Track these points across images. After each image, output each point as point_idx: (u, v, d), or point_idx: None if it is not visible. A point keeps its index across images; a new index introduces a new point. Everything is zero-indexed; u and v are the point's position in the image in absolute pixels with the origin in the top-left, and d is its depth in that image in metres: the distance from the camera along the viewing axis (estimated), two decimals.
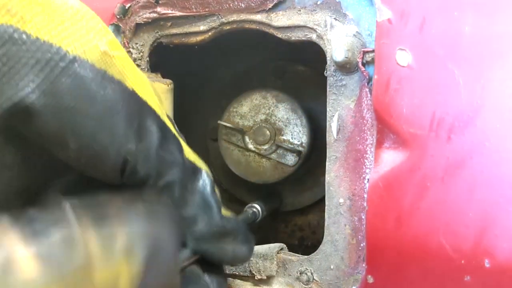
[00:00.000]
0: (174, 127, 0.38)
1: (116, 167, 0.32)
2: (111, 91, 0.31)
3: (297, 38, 0.53)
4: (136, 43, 0.62)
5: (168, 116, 0.37)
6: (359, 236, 0.49)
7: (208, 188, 0.38)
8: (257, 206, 0.69)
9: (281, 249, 0.56)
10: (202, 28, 0.58)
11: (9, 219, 0.27)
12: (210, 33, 0.58)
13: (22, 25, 0.27)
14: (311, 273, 0.52)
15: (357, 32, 0.48)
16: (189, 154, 0.38)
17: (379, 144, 0.46)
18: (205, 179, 0.38)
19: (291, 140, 0.71)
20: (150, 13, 0.60)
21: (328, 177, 0.51)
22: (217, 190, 0.39)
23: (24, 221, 0.27)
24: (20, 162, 0.31)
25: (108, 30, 0.32)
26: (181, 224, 0.35)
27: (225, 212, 0.39)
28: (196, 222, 0.36)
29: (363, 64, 0.47)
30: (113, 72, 0.31)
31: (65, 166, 0.32)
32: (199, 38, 0.59)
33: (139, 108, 0.33)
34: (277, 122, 0.72)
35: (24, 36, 0.27)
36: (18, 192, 0.32)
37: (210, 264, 0.38)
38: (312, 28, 0.51)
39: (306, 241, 0.83)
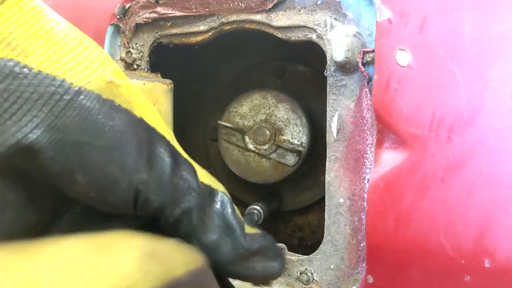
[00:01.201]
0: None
1: (128, 198, 0.31)
2: (119, 121, 0.30)
3: (297, 38, 0.53)
4: (136, 43, 0.62)
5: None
6: (359, 236, 0.49)
7: (228, 209, 0.36)
8: (258, 208, 0.70)
9: (281, 249, 0.56)
10: (202, 28, 0.58)
11: None
12: (210, 33, 0.58)
13: (23, 58, 0.26)
14: (311, 273, 0.52)
15: (357, 32, 0.48)
16: (203, 177, 0.37)
17: (379, 144, 0.46)
18: (223, 200, 0.36)
19: (291, 140, 0.71)
20: (150, 13, 0.60)
21: (328, 177, 0.51)
22: (237, 210, 0.38)
23: None
24: (25, 200, 0.30)
25: (111, 59, 0.31)
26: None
27: (250, 230, 0.38)
28: (220, 247, 0.34)
29: (363, 64, 0.47)
30: (120, 101, 0.30)
31: (72, 198, 0.31)
32: (199, 38, 0.59)
33: (148, 136, 0.32)
34: (277, 122, 0.72)
35: (25, 70, 0.26)
36: (24, 230, 0.31)
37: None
38: (312, 28, 0.51)
39: (306, 241, 0.83)
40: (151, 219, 0.35)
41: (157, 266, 0.28)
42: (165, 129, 0.35)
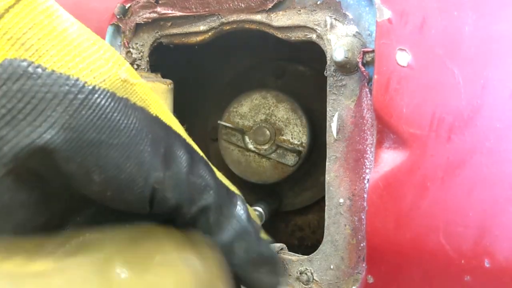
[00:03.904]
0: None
1: (144, 197, 0.31)
2: (135, 119, 0.29)
3: (297, 38, 0.53)
4: (136, 43, 0.62)
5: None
6: (359, 236, 0.49)
7: (245, 212, 0.36)
8: (260, 210, 0.69)
9: (281, 249, 0.56)
10: (202, 28, 0.58)
11: None
12: (210, 33, 0.58)
13: (37, 58, 0.26)
14: (311, 273, 0.52)
15: (357, 32, 0.48)
16: (221, 177, 0.37)
17: (379, 144, 0.46)
18: (241, 202, 0.36)
19: (291, 140, 0.71)
20: (150, 13, 0.60)
21: (328, 177, 0.51)
22: (253, 213, 0.38)
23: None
24: (37, 200, 0.30)
25: (124, 59, 0.31)
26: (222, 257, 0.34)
27: (263, 235, 0.37)
28: (233, 249, 0.34)
29: (363, 64, 0.47)
30: (136, 99, 0.30)
31: (85, 198, 0.31)
32: (199, 38, 0.59)
33: (164, 133, 0.32)
34: (277, 122, 0.72)
35: (39, 70, 0.26)
36: (35, 228, 0.31)
37: None
38: (312, 28, 0.51)
39: (306, 241, 0.83)
40: (167, 219, 0.35)
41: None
42: (180, 127, 0.35)
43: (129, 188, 0.30)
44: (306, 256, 0.53)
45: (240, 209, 0.36)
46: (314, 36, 0.51)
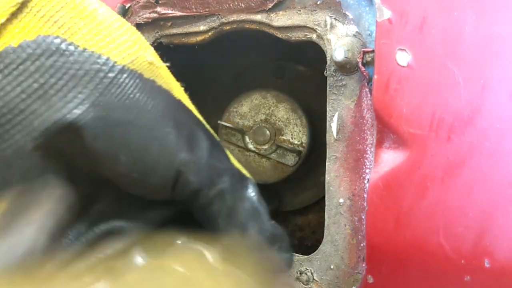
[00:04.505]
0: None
1: (168, 179, 0.31)
2: (161, 101, 0.30)
3: (297, 38, 0.53)
4: None
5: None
6: (359, 236, 0.49)
7: (256, 195, 0.37)
8: None
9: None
10: (202, 28, 0.58)
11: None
12: (210, 33, 0.58)
13: (69, 36, 0.27)
14: (311, 273, 0.52)
15: (357, 32, 0.48)
16: (234, 161, 0.37)
17: (379, 144, 0.46)
18: (253, 185, 0.37)
19: (291, 140, 0.71)
20: (150, 13, 0.60)
21: (328, 177, 0.51)
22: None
23: None
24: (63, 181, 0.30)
25: (148, 43, 0.32)
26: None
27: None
28: (247, 230, 0.35)
29: (363, 64, 0.47)
30: (161, 82, 0.31)
31: (107, 184, 0.31)
32: (199, 38, 0.59)
33: (187, 117, 0.33)
34: (277, 122, 0.72)
35: (71, 47, 0.26)
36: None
37: None
38: (312, 28, 0.51)
39: (306, 241, 0.83)
40: (182, 206, 0.35)
41: None
42: (198, 113, 0.35)
43: (154, 170, 0.30)
44: (306, 256, 0.53)
45: (251, 191, 0.36)
46: (314, 36, 0.51)
